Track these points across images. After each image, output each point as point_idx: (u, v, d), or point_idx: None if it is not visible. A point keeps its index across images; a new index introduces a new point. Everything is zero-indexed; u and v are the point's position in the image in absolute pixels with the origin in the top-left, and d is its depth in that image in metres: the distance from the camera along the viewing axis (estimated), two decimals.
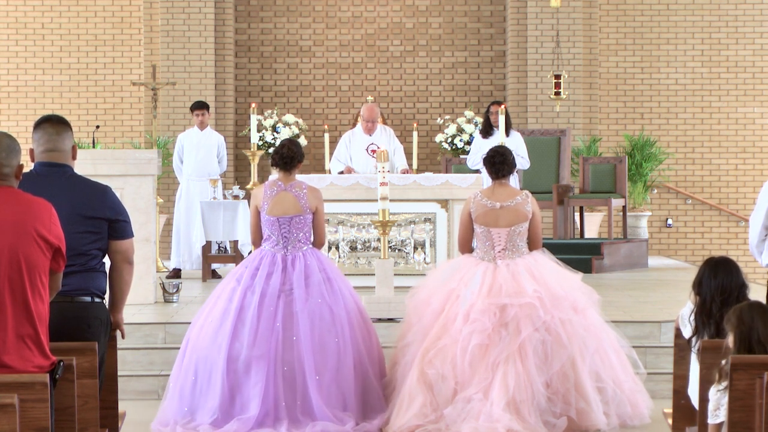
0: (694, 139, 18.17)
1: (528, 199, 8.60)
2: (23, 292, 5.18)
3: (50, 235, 5.28)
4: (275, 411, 8.12)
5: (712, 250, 17.77)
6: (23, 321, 5.17)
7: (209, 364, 8.25)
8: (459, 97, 17.99)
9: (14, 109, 17.73)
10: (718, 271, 6.40)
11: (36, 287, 5.22)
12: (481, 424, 7.86)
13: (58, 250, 5.32)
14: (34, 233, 5.22)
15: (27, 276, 5.19)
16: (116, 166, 11.09)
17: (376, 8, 18.06)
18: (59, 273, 5.44)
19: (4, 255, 5.16)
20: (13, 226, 5.20)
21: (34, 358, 5.20)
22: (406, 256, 12.08)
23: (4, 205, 5.25)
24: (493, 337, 8.12)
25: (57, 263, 5.36)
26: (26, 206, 5.27)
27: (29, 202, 5.30)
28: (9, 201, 5.27)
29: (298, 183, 8.67)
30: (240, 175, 17.52)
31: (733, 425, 5.71)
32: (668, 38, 18.09)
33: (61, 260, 5.38)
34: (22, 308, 5.17)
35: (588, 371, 8.14)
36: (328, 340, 8.28)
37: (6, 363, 5.13)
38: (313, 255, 8.58)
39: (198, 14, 17.14)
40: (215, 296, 8.52)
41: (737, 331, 5.80)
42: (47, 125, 6.19)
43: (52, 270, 5.35)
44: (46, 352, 5.26)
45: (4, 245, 5.17)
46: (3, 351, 5.13)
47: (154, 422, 8.28)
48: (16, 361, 5.14)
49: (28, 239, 5.20)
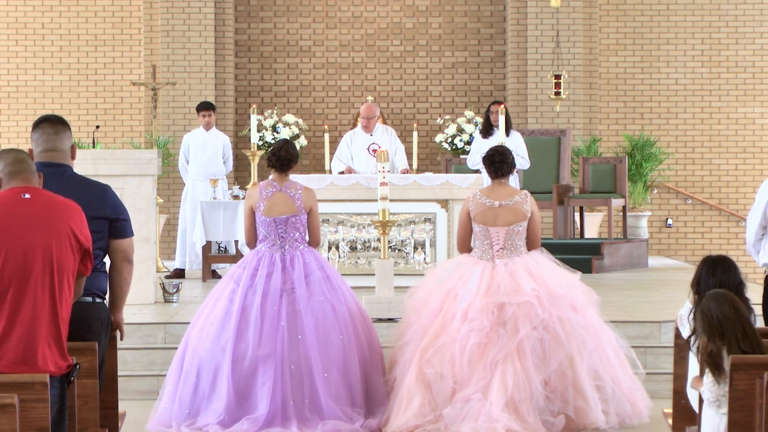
0: (694, 139, 18.17)
1: (527, 199, 8.60)
2: (51, 292, 5.22)
3: (82, 236, 5.33)
4: (284, 410, 8.14)
5: (712, 250, 17.76)
6: (49, 321, 5.22)
7: (212, 365, 8.25)
8: (459, 97, 17.99)
9: (14, 109, 17.73)
10: (716, 269, 6.41)
11: (63, 288, 5.26)
12: (481, 424, 7.86)
13: (87, 252, 5.38)
14: (70, 233, 5.27)
15: (57, 276, 5.24)
16: (116, 166, 11.10)
17: (376, 8, 18.06)
18: (85, 276, 5.49)
19: (37, 253, 5.19)
20: (46, 225, 5.24)
21: (55, 359, 5.24)
22: (406, 256, 12.08)
23: (38, 204, 5.28)
24: (492, 335, 8.12)
25: (85, 266, 5.41)
26: (60, 206, 5.33)
27: (62, 203, 5.35)
28: (43, 201, 5.31)
29: (293, 183, 8.69)
30: (240, 175, 17.52)
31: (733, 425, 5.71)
32: (668, 38, 18.09)
33: (89, 262, 5.43)
34: (49, 308, 5.22)
35: (586, 370, 8.15)
36: (332, 338, 8.31)
37: (30, 361, 5.15)
38: (311, 254, 8.61)
39: (198, 14, 17.14)
40: (213, 298, 8.52)
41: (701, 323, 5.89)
42: (46, 125, 6.19)
43: (79, 272, 5.39)
44: (65, 353, 5.31)
45: (37, 243, 5.20)
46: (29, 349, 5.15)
47: (152, 423, 8.27)
48: (39, 360, 5.18)
49: (62, 239, 5.25)
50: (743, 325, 5.86)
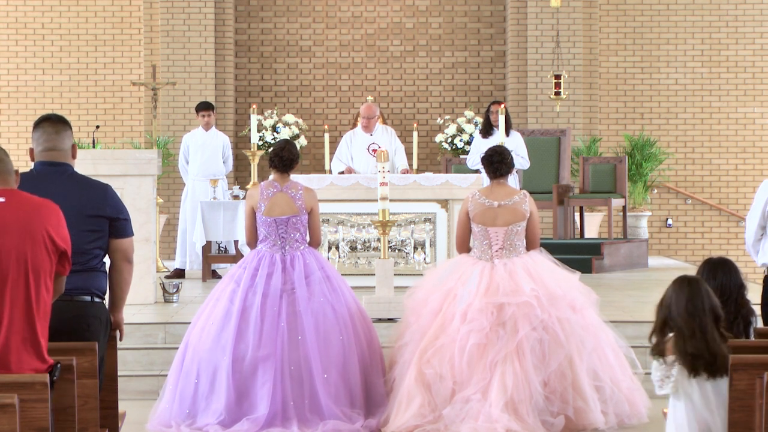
0: (694, 139, 18.17)
1: (526, 199, 8.60)
2: (27, 296, 5.16)
3: (58, 237, 5.25)
4: (284, 410, 8.14)
5: (712, 250, 17.77)
6: (24, 324, 5.17)
7: (212, 365, 8.25)
8: (459, 97, 17.99)
9: (14, 109, 17.73)
10: (717, 271, 6.40)
11: (39, 291, 5.21)
12: (480, 425, 7.86)
13: (64, 253, 5.31)
14: (45, 235, 5.20)
15: (32, 279, 5.18)
16: (116, 166, 11.10)
17: (376, 8, 18.06)
18: (64, 276, 5.42)
19: (11, 258, 5.15)
20: (21, 228, 5.17)
21: (32, 362, 5.19)
22: (406, 256, 12.08)
23: (12, 208, 5.22)
24: (491, 336, 8.12)
25: (63, 266, 5.34)
26: (35, 208, 5.24)
27: (38, 204, 5.27)
28: (18, 204, 5.24)
29: (294, 184, 8.68)
30: (240, 175, 17.52)
31: (733, 425, 5.71)
32: (668, 38, 18.09)
33: (67, 263, 5.36)
34: (24, 311, 5.17)
35: (586, 370, 8.15)
36: (332, 338, 8.31)
37: (4, 365, 5.12)
38: (311, 254, 8.60)
39: (198, 14, 17.14)
40: (214, 298, 8.52)
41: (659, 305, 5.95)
42: (47, 124, 6.18)
43: (58, 273, 5.33)
44: (43, 355, 5.25)
45: (11, 248, 5.15)
46: (4, 353, 5.12)
47: (152, 423, 8.27)
48: (14, 364, 5.14)
49: (37, 242, 5.18)
50: (696, 325, 5.77)
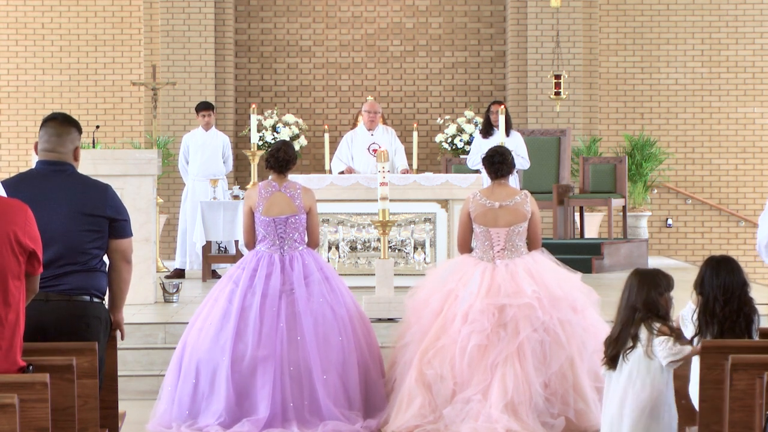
0: (694, 139, 18.16)
1: (527, 199, 8.59)
2: None
3: (26, 237, 5.06)
4: (283, 412, 8.14)
5: (712, 250, 17.76)
6: None
7: (212, 366, 8.24)
8: (459, 97, 17.99)
9: (14, 109, 17.73)
10: (720, 270, 6.39)
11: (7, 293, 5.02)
12: (480, 425, 7.86)
13: (33, 253, 5.12)
14: (11, 237, 5.02)
15: None
16: (116, 166, 11.10)
17: (376, 8, 18.05)
18: (36, 276, 5.23)
19: None
20: None
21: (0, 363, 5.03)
22: (406, 256, 12.08)
23: None
24: (492, 337, 8.12)
25: (33, 266, 5.15)
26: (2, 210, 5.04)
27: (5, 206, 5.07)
28: None
29: (292, 183, 8.68)
30: (240, 175, 17.52)
31: (733, 425, 5.70)
32: (668, 38, 18.09)
33: (37, 263, 5.17)
34: None
35: (587, 371, 8.14)
36: (332, 339, 8.30)
37: None
38: (310, 255, 8.60)
39: (198, 14, 17.14)
40: (212, 298, 8.51)
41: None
42: (51, 125, 6.13)
43: (28, 273, 5.14)
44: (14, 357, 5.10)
45: None
46: None
47: (152, 424, 8.26)
48: None
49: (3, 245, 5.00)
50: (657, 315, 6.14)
